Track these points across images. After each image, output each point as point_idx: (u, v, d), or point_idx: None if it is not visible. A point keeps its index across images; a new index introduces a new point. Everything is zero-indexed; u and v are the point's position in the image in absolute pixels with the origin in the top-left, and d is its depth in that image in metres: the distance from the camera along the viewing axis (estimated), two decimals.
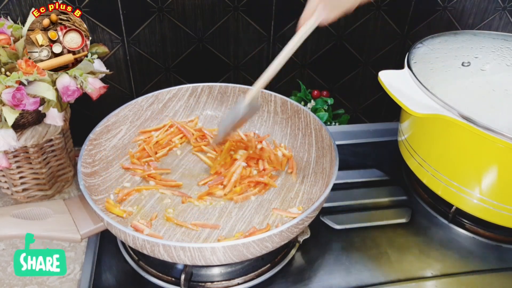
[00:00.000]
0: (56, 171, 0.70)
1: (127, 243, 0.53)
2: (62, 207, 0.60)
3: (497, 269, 0.63)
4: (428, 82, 0.62)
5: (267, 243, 0.51)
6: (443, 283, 0.61)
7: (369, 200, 0.72)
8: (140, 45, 0.86)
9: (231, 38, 0.88)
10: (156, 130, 0.75)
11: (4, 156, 0.61)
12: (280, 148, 0.73)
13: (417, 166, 0.69)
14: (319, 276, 0.60)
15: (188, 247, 0.49)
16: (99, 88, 0.63)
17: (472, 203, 0.63)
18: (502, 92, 0.61)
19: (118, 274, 0.60)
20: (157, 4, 0.82)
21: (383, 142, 0.85)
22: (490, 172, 0.59)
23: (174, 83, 0.92)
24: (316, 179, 0.67)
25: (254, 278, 0.60)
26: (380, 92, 1.02)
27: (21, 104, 0.56)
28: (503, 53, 0.68)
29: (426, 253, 0.64)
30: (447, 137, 0.62)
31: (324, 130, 0.67)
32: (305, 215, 0.53)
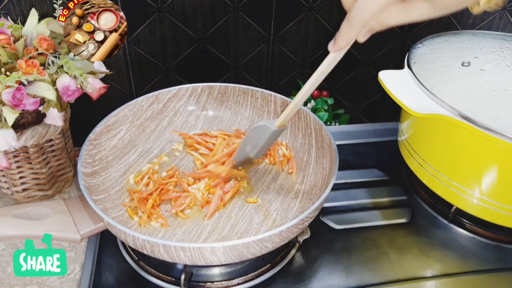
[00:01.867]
0: (56, 171, 0.70)
1: (127, 243, 0.53)
2: (62, 207, 0.60)
3: (497, 269, 0.63)
4: (428, 82, 0.62)
5: (267, 243, 0.51)
6: (443, 283, 0.61)
7: (369, 200, 0.73)
8: (140, 45, 0.86)
9: (231, 38, 0.89)
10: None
11: (4, 156, 0.61)
12: (281, 146, 0.73)
13: (417, 166, 0.69)
14: (319, 276, 0.60)
15: (188, 247, 0.49)
16: (99, 88, 0.63)
17: (472, 203, 0.63)
18: (502, 92, 0.61)
19: (118, 274, 0.60)
20: (157, 4, 0.82)
21: (383, 142, 0.85)
22: (490, 172, 0.59)
23: (174, 83, 0.92)
24: (316, 179, 0.67)
25: (254, 278, 0.60)
26: (380, 92, 1.02)
27: (21, 104, 0.56)
28: (503, 53, 0.68)
29: (426, 253, 0.64)
30: (447, 137, 0.62)
31: (324, 130, 0.67)
32: (305, 215, 0.53)
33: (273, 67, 0.94)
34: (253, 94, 0.76)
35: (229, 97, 0.78)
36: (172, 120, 0.77)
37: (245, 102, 0.77)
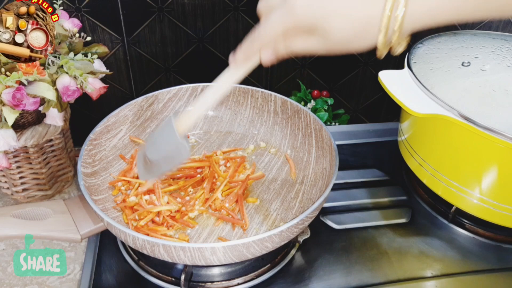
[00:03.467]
0: (56, 171, 0.70)
1: (127, 243, 0.53)
2: (62, 207, 0.60)
3: (497, 269, 0.63)
4: (428, 82, 0.62)
5: (267, 243, 0.51)
6: (443, 283, 0.61)
7: (369, 200, 0.72)
8: (140, 45, 0.86)
9: (231, 38, 0.88)
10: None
11: (4, 156, 0.61)
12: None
13: (417, 166, 0.69)
14: (319, 276, 0.60)
15: (188, 247, 0.49)
16: (99, 88, 0.63)
17: (472, 203, 0.63)
18: (502, 92, 0.61)
19: (118, 274, 0.60)
20: (157, 4, 0.82)
21: (383, 142, 0.85)
22: (490, 172, 0.59)
23: (174, 83, 0.92)
24: (316, 179, 0.67)
25: (254, 278, 0.60)
26: (380, 92, 1.02)
27: (21, 104, 0.56)
28: (503, 53, 0.68)
29: (426, 253, 0.64)
30: (447, 137, 0.62)
31: (324, 130, 0.67)
32: (305, 215, 0.53)
33: (273, 67, 0.94)
34: (253, 94, 0.76)
35: (229, 97, 0.78)
36: None
37: (245, 102, 0.77)
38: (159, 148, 0.52)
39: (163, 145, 0.52)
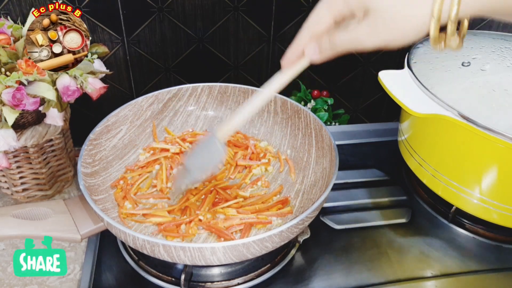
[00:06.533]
0: (56, 171, 0.70)
1: (127, 243, 0.53)
2: (62, 207, 0.60)
3: (497, 269, 0.63)
4: (428, 82, 0.62)
5: (267, 243, 0.51)
6: (443, 283, 0.61)
7: (369, 200, 0.72)
8: (140, 45, 0.86)
9: (231, 38, 0.89)
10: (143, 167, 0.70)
11: (4, 156, 0.61)
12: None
13: (417, 166, 0.69)
14: (319, 276, 0.60)
15: (188, 247, 0.49)
16: (99, 88, 0.63)
17: (472, 203, 0.63)
18: (502, 92, 0.61)
19: (118, 274, 0.60)
20: (157, 4, 0.82)
21: (383, 142, 0.85)
22: (490, 172, 0.59)
23: (174, 83, 0.92)
24: (316, 179, 0.67)
25: (254, 278, 0.60)
26: (380, 92, 1.02)
27: (21, 104, 0.56)
28: (503, 53, 0.68)
29: (426, 253, 0.64)
30: (447, 137, 0.62)
31: (324, 130, 0.67)
32: (305, 215, 0.53)
33: (273, 67, 0.94)
34: (253, 94, 0.76)
35: (229, 97, 0.78)
36: (172, 120, 0.77)
37: (245, 102, 0.77)
38: (197, 155, 0.57)
39: (201, 151, 0.56)
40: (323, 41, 0.42)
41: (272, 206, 0.63)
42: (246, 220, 0.60)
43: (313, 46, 0.43)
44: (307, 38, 0.43)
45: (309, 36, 0.43)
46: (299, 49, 0.44)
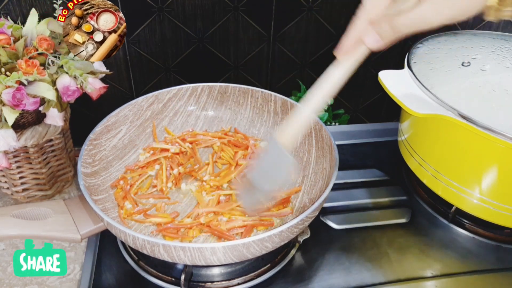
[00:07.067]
0: (56, 171, 0.70)
1: (127, 243, 0.53)
2: (62, 207, 0.60)
3: (497, 269, 0.63)
4: (428, 82, 0.62)
5: (267, 243, 0.51)
6: (443, 283, 0.61)
7: (369, 200, 0.72)
8: (140, 45, 0.86)
9: (231, 38, 0.89)
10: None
11: (4, 156, 0.61)
12: None
13: (417, 166, 0.69)
14: (319, 276, 0.60)
15: (188, 247, 0.49)
16: (99, 88, 0.63)
17: (472, 203, 0.63)
18: (502, 92, 0.61)
19: (118, 274, 0.60)
20: (157, 4, 0.82)
21: (383, 142, 0.85)
22: (490, 172, 0.59)
23: (174, 83, 0.92)
24: (316, 179, 0.67)
25: (254, 278, 0.60)
26: (380, 92, 1.02)
27: (21, 104, 0.56)
28: (503, 53, 0.68)
29: (426, 253, 0.64)
30: (447, 137, 0.62)
31: (324, 130, 0.67)
32: (305, 215, 0.53)
33: (273, 67, 0.94)
34: (253, 94, 0.76)
35: (229, 97, 0.78)
36: (172, 120, 0.77)
37: (245, 102, 0.77)
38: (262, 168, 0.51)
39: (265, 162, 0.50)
40: (382, 26, 0.40)
41: (272, 206, 0.63)
42: (248, 222, 0.60)
43: (373, 33, 0.41)
44: (365, 24, 0.41)
45: (366, 22, 0.41)
46: (356, 37, 0.42)
